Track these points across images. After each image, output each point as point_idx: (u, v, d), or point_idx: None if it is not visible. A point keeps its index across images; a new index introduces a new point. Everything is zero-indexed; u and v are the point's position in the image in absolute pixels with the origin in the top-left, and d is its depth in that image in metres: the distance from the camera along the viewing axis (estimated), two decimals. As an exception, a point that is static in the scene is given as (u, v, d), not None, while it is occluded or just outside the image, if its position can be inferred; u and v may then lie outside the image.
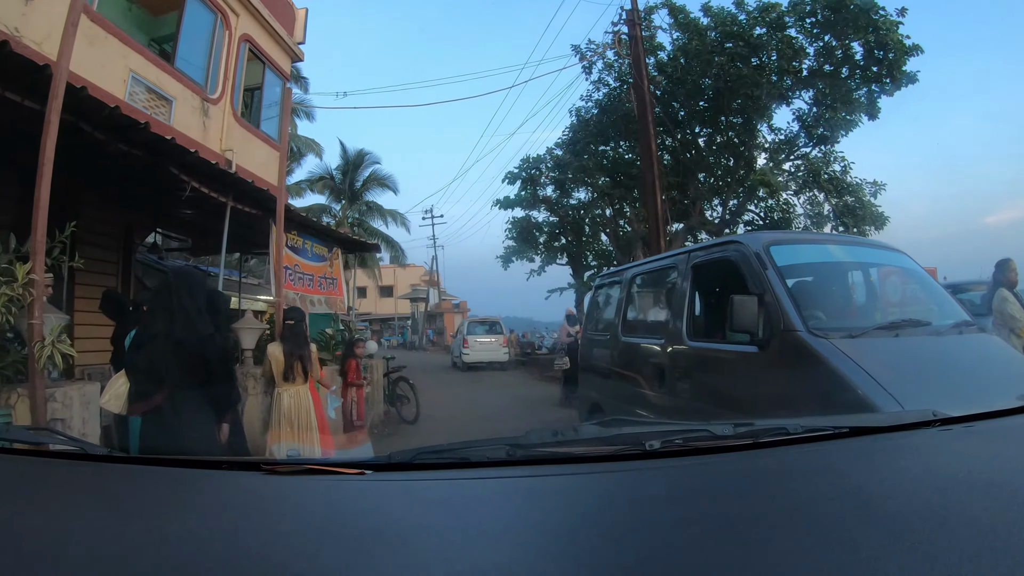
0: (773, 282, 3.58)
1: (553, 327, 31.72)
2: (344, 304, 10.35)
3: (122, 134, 4.69)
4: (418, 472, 1.41)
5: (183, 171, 5.35)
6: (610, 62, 18.29)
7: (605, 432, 1.64)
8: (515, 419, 9.65)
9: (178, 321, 3.34)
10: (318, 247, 9.47)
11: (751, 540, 0.95)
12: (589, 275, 22.78)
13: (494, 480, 1.35)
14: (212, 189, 5.96)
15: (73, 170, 6.55)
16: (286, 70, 13.49)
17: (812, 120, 16.14)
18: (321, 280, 9.43)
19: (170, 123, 8.42)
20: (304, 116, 31.53)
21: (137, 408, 3.27)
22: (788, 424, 1.55)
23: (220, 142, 10.05)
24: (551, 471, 1.36)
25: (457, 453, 1.44)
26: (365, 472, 1.35)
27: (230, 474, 1.48)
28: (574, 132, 19.67)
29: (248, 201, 6.85)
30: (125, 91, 8.07)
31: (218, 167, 5.83)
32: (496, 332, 22.85)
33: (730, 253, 4.05)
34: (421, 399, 10.08)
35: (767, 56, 15.46)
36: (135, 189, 7.54)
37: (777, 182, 15.48)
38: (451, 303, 47.93)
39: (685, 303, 4.43)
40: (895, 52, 14.76)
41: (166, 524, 1.11)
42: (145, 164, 5.18)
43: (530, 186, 21.36)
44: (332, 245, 10.12)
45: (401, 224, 40.76)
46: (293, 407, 5.05)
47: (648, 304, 5.68)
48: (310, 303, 8.84)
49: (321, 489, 1.31)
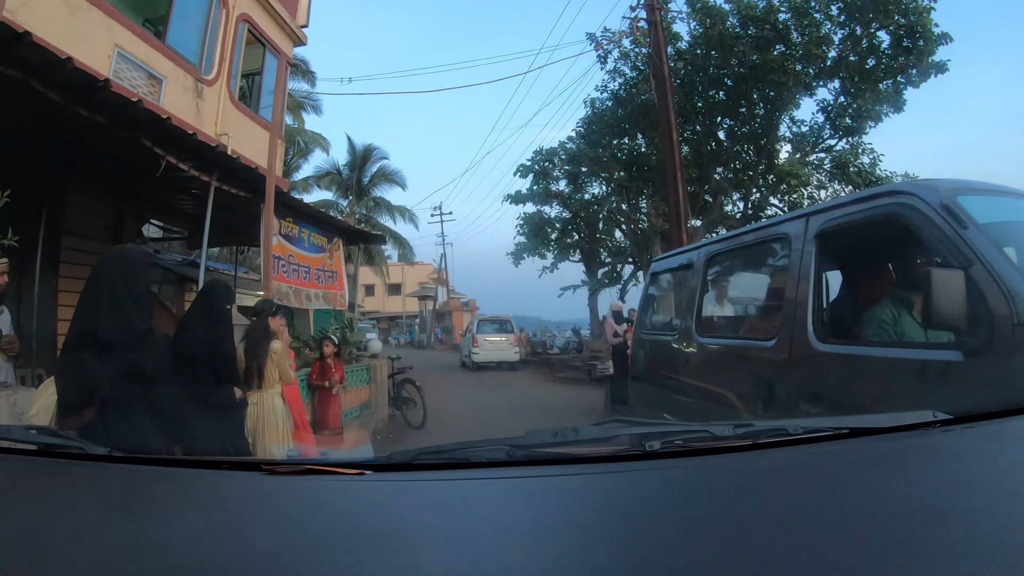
0: (983, 249, 2.30)
1: (565, 326, 31.23)
2: (345, 300, 9.62)
3: (83, 97, 4.03)
4: (418, 472, 1.41)
5: (158, 144, 4.69)
6: (626, 51, 17.62)
7: (605, 433, 1.61)
8: (533, 425, 8.89)
9: (104, 315, 2.70)
10: (316, 237, 8.80)
11: (751, 541, 0.95)
12: (603, 272, 22.24)
13: (494, 480, 1.35)
14: (193, 166, 5.30)
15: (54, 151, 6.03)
16: (288, 54, 12.91)
17: (837, 111, 15.40)
18: (319, 273, 8.77)
19: (160, 104, 7.85)
20: (311, 110, 31.27)
21: (68, 424, 2.57)
22: (788, 425, 1.56)
23: (215, 126, 9.56)
24: (551, 472, 1.36)
25: (457, 453, 1.44)
26: (365, 472, 1.35)
27: (230, 474, 1.48)
28: (589, 124, 19.02)
29: (237, 183, 6.19)
30: (110, 68, 7.57)
31: (197, 138, 5.15)
32: (507, 331, 22.21)
33: (890, 208, 2.75)
34: (429, 402, 9.40)
35: (793, 42, 14.69)
36: (122, 174, 6.95)
37: (804, 173, 14.69)
38: (460, 301, 47.80)
39: (810, 287, 3.14)
40: (924, 40, 14.01)
41: (166, 524, 1.11)
42: (116, 138, 4.53)
43: (543, 180, 20.72)
44: (333, 235, 9.42)
45: (409, 220, 40.54)
46: (259, 416, 4.41)
47: (740, 292, 4.55)
48: (306, 298, 8.16)
49: (321, 489, 1.30)
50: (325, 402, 6.81)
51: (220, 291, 4.00)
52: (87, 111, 4.07)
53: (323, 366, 6.93)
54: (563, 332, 30.25)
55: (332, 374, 6.85)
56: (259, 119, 11.58)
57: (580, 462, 1.40)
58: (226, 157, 5.63)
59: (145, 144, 4.60)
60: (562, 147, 20.34)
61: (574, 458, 1.43)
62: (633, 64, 17.61)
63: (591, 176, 19.62)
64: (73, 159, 6.50)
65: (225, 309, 3.97)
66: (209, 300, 3.91)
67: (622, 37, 17.38)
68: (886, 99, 14.81)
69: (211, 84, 9.78)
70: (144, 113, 4.37)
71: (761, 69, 14.77)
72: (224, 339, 3.84)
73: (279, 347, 4.60)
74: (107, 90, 4.01)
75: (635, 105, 17.12)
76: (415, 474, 1.40)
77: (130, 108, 4.22)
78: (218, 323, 3.84)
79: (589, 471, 1.35)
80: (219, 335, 3.78)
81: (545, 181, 20.92)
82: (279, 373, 4.55)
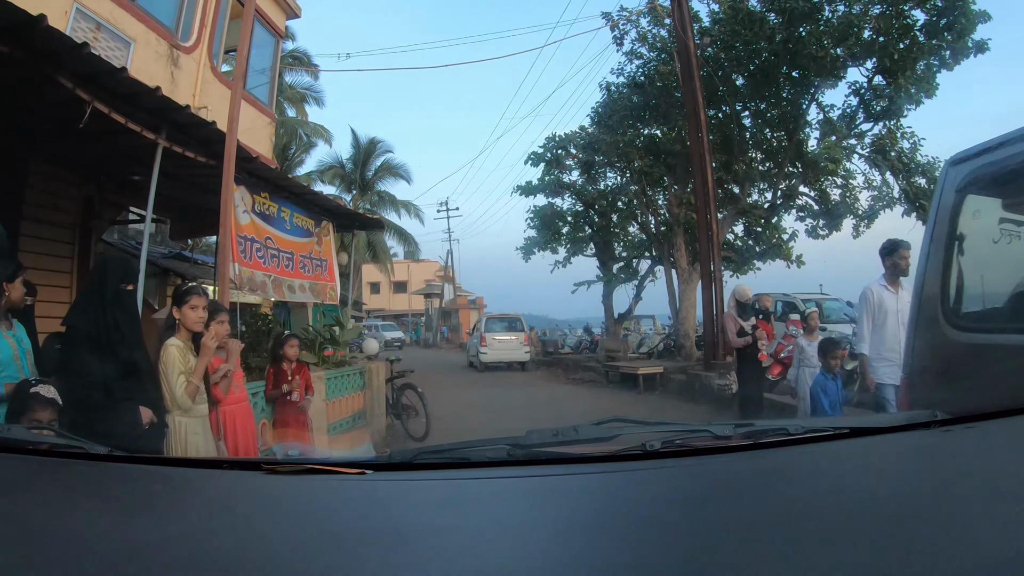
0: None
1: (576, 325, 30.15)
2: (336, 293, 8.49)
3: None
4: (419, 472, 1.42)
5: (80, 85, 3.63)
6: (644, 32, 16.50)
7: (606, 432, 1.50)
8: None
9: None
10: (301, 218, 7.71)
11: (751, 541, 0.95)
12: (618, 268, 21.19)
13: (495, 480, 1.37)
14: (133, 119, 4.23)
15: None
16: (280, 26, 11.90)
17: (871, 94, 14.34)
18: (305, 261, 7.69)
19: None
20: (314, 102, 30.55)
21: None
22: (789, 425, 1.59)
23: (193, 98, 8.63)
24: (552, 471, 1.38)
25: (457, 453, 1.45)
26: (366, 472, 1.36)
27: (231, 474, 1.51)
28: (605, 109, 17.97)
29: (197, 146, 5.11)
30: (67, 25, 6.57)
31: (132, 78, 4.06)
32: (516, 329, 21.40)
33: None
34: (433, 407, 8.36)
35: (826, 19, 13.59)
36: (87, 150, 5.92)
37: (842, 157, 13.64)
38: (467, 299, 47.02)
39: None
40: (965, 17, 12.90)
41: (167, 524, 1.12)
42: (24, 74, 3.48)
43: (555, 169, 19.67)
44: (321, 218, 8.32)
45: (415, 215, 40.07)
46: (172, 450, 3.37)
47: None
48: (288, 289, 7.08)
49: (322, 489, 1.32)
50: (286, 417, 5.67)
51: (113, 267, 3.37)
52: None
53: (278, 372, 5.75)
54: (575, 331, 29.14)
55: (288, 378, 5.68)
56: (246, 94, 10.58)
57: (581, 462, 1.41)
58: (174, 105, 4.56)
59: (64, 85, 3.53)
60: (576, 134, 19.30)
61: (575, 458, 1.43)
62: (652, 45, 16.48)
63: (606, 165, 18.52)
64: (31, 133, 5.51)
65: (122, 290, 3.24)
66: (101, 280, 3.23)
67: (640, 15, 16.44)
68: (922, 82, 13.69)
69: (189, 52, 8.88)
70: (56, 39, 3.31)
71: (792, 48, 13.76)
72: (123, 326, 3.18)
73: (173, 352, 3.54)
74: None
75: (655, 88, 16.05)
76: (416, 473, 1.42)
77: (27, 27, 3.15)
78: (114, 307, 3.15)
79: (590, 471, 1.37)
80: (115, 322, 3.14)
81: (557, 171, 19.92)
82: (173, 388, 3.48)
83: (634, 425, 1.63)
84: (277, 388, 5.62)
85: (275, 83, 12.20)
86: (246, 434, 4.18)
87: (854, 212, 15.18)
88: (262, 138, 10.91)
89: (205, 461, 1.64)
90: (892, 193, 14.20)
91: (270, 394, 5.66)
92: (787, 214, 16.46)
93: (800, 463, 1.41)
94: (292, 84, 28.68)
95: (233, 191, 5.84)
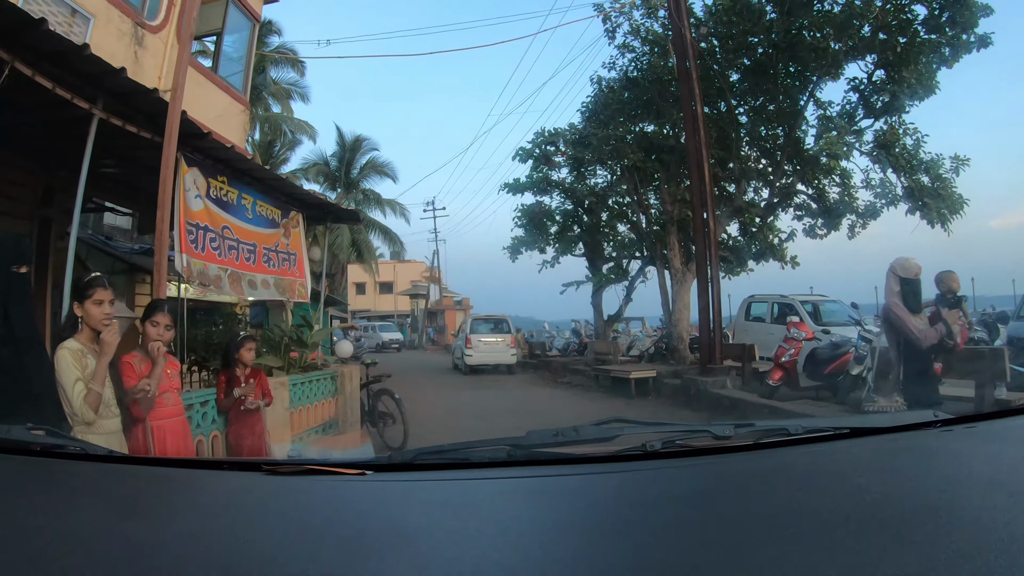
0: None
1: (565, 326, 29.62)
2: (306, 290, 7.84)
3: None
4: (419, 472, 1.43)
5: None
6: (637, 25, 16.05)
7: (606, 433, 1.52)
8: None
9: None
10: (266, 207, 7.10)
11: (752, 541, 0.96)
12: (608, 268, 20.73)
13: (495, 480, 1.37)
14: (62, 84, 3.64)
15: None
16: (256, 10, 11.33)
17: (872, 89, 13.98)
18: (269, 254, 7.08)
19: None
20: (299, 98, 30.06)
21: None
22: (789, 425, 1.58)
23: (159, 81, 8.04)
24: (552, 472, 1.38)
25: (458, 453, 1.45)
26: (366, 472, 1.36)
27: (231, 474, 1.51)
28: (596, 104, 17.57)
29: (141, 119, 4.54)
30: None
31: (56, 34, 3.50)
32: (503, 331, 20.95)
33: None
34: (414, 413, 7.85)
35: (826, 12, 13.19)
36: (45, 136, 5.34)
37: (844, 153, 13.27)
38: (452, 300, 46.35)
39: None
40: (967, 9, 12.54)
41: (167, 524, 1.13)
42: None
43: (544, 166, 19.15)
44: (290, 208, 7.69)
45: (401, 215, 39.56)
46: None
47: None
48: (248, 284, 6.47)
49: (322, 489, 1.32)
50: (241, 429, 5.06)
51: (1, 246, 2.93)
52: None
53: (231, 379, 5.12)
54: (563, 332, 28.60)
55: (240, 382, 5.06)
56: (217, 79, 10.04)
57: (581, 462, 1.41)
58: (108, 69, 3.97)
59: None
60: (566, 131, 18.90)
61: (575, 458, 1.43)
62: (644, 39, 16.02)
63: (597, 162, 18.01)
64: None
65: (14, 273, 2.85)
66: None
67: (632, 7, 15.98)
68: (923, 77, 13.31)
69: (156, 31, 8.38)
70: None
71: (790, 39, 13.42)
72: (13, 319, 2.78)
73: (66, 356, 3.06)
74: None
75: (648, 82, 15.63)
76: (416, 474, 1.41)
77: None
78: (3, 295, 2.74)
79: (590, 471, 1.37)
80: (3, 312, 2.76)
81: (546, 168, 19.48)
82: (71, 398, 2.98)
83: (634, 425, 1.61)
84: (230, 395, 5.03)
85: (250, 69, 11.63)
86: (179, 453, 3.60)
87: (854, 210, 14.80)
88: (235, 126, 10.41)
89: (205, 462, 1.63)
90: (896, 191, 13.77)
91: (222, 403, 5.08)
92: (784, 213, 16.08)
93: (800, 463, 1.42)
94: (277, 79, 28.18)
95: (184, 172, 5.26)
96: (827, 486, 1.22)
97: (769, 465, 1.39)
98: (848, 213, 14.87)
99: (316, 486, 1.31)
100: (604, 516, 1.12)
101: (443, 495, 1.25)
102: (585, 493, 1.24)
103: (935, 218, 12.90)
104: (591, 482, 1.29)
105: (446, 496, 1.25)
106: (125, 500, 1.30)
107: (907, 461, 1.38)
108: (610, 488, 1.26)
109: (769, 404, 9.07)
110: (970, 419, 1.59)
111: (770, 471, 1.35)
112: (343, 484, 1.31)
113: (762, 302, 15.72)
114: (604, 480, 1.30)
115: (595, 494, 1.24)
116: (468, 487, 1.32)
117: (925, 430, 1.53)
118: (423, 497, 1.25)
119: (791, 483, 1.27)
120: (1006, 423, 1.62)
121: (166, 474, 1.54)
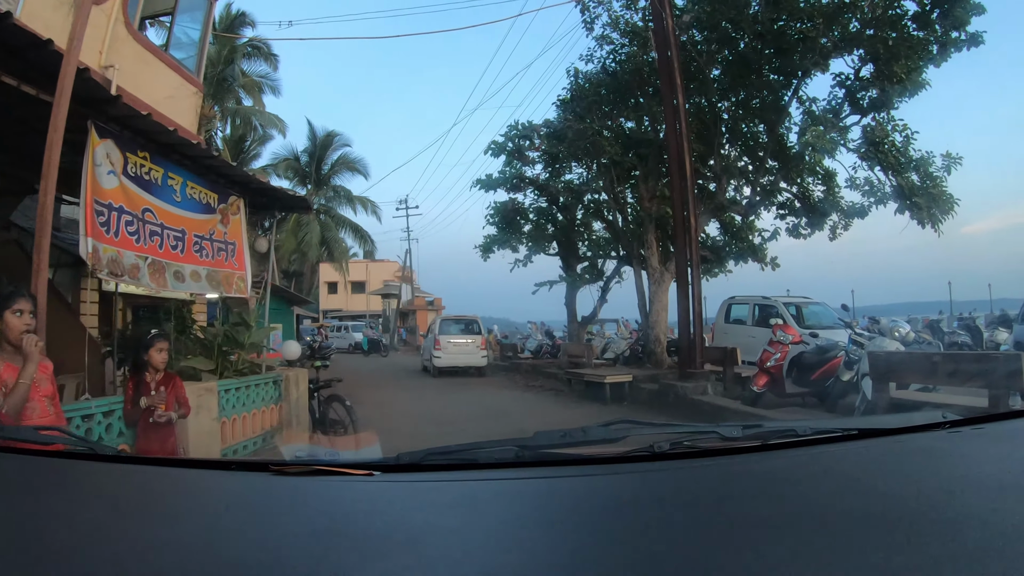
0: None
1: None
2: (246, 285, 7.03)
3: None
4: (426, 473, 1.42)
5: None
6: (616, 16, 15.48)
7: (613, 434, 1.52)
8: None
9: None
10: (200, 189, 6.26)
11: (760, 542, 0.95)
12: (582, 267, 20.13)
13: (503, 481, 1.36)
14: None
15: None
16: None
17: (858, 85, 13.54)
18: (201, 242, 6.25)
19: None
20: (270, 91, 29.27)
21: None
22: (797, 426, 1.57)
23: (100, 55, 7.36)
24: (560, 472, 1.38)
25: (466, 454, 1.44)
26: (373, 473, 1.36)
27: (238, 475, 1.49)
28: (572, 95, 16.87)
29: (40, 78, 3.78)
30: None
31: None
32: (473, 332, 20.23)
33: None
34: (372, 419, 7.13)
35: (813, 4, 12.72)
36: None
37: (830, 148, 12.80)
38: (424, 300, 45.56)
39: None
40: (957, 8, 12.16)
41: (175, 524, 1.12)
42: None
43: (517, 161, 18.48)
44: (229, 192, 6.87)
45: (372, 213, 38.82)
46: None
47: None
48: (173, 276, 5.64)
49: (329, 490, 1.31)
50: (150, 444, 4.28)
51: None
52: None
53: (139, 384, 4.40)
54: (538, 333, 27.93)
55: (150, 389, 4.34)
56: (167, 58, 9.25)
57: (589, 463, 1.41)
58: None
59: None
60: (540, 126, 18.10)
61: (583, 459, 1.43)
62: (624, 30, 15.46)
63: (572, 157, 17.38)
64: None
65: None
66: None
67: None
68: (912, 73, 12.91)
69: (100, 2, 7.54)
70: None
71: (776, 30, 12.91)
72: None
73: None
74: None
75: (627, 74, 15.10)
76: (423, 475, 1.40)
77: None
78: None
79: (598, 472, 1.37)
80: None
81: (520, 163, 18.76)
82: None
83: (641, 426, 1.60)
84: (136, 404, 4.22)
85: (204, 50, 10.82)
86: None
87: (840, 209, 14.36)
88: (185, 108, 9.66)
89: (213, 462, 1.63)
90: (884, 189, 13.31)
91: (128, 414, 4.30)
92: (767, 212, 15.61)
93: (808, 464, 1.41)
94: (248, 71, 27.25)
95: (94, 144, 4.47)
96: (836, 487, 1.21)
97: (777, 466, 1.39)
98: (834, 211, 14.47)
99: (324, 486, 1.31)
100: (612, 517, 1.12)
101: (451, 496, 1.25)
102: (593, 494, 1.24)
103: (925, 218, 12.46)
104: (599, 483, 1.30)
105: (454, 497, 1.24)
106: (133, 500, 1.30)
107: (916, 463, 1.38)
108: (618, 489, 1.26)
109: (754, 412, 8.49)
110: (979, 421, 1.58)
111: (778, 472, 1.35)
112: (351, 485, 1.31)
113: (743, 304, 15.28)
114: (612, 481, 1.30)
115: (603, 495, 1.24)
116: (476, 488, 1.31)
117: (934, 431, 1.54)
118: (431, 498, 1.24)
119: (799, 484, 1.26)
120: (1015, 424, 1.63)
121: (173, 474, 1.55)
